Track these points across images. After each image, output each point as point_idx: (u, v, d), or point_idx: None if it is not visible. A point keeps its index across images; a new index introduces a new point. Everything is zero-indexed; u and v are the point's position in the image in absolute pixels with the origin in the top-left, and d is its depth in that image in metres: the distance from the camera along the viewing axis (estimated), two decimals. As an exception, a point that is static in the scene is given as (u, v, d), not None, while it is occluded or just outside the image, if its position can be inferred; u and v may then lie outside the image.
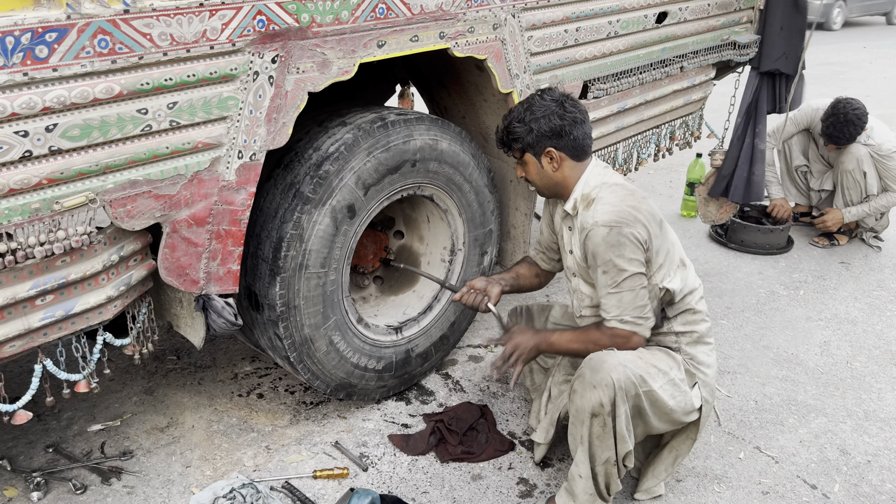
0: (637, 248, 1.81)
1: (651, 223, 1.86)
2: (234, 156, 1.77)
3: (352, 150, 2.09)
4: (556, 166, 1.95)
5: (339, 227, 2.10)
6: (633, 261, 1.81)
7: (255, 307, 2.14)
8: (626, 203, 1.86)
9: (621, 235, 1.79)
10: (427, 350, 2.59)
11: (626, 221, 1.81)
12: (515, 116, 1.96)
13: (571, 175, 1.97)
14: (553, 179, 1.98)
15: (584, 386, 1.79)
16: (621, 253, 1.79)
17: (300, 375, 2.23)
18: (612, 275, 1.83)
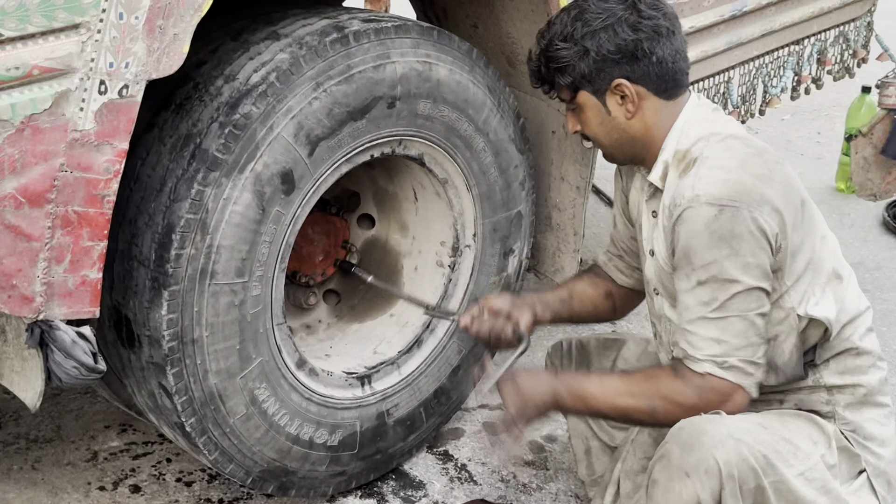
0: (761, 246, 1.80)
1: (788, 204, 1.84)
2: (92, 89, 1.76)
3: (288, 81, 2.07)
4: (632, 109, 1.95)
5: (268, 209, 2.09)
6: (752, 267, 1.80)
7: (127, 341, 2.12)
8: (749, 168, 1.84)
9: (737, 221, 1.78)
10: (413, 414, 2.59)
11: (748, 199, 1.79)
12: (558, 32, 1.95)
13: (658, 122, 1.96)
14: (628, 132, 1.98)
15: (671, 474, 1.79)
16: (735, 251, 1.78)
17: (202, 455, 2.21)
18: (712, 288, 1.81)
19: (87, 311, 1.89)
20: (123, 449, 2.72)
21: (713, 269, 1.80)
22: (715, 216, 1.79)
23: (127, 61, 1.79)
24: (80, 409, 2.88)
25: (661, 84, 1.94)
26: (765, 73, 3.14)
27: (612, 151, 2.04)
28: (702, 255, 1.81)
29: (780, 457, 1.82)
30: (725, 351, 1.81)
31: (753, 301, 1.81)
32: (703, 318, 1.83)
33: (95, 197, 1.83)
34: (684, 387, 1.85)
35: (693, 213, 1.81)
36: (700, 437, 1.78)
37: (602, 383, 1.95)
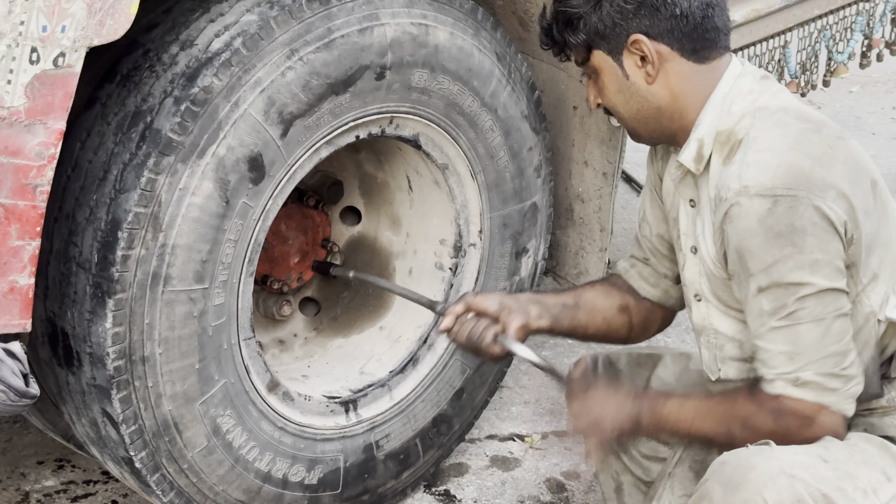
0: (829, 239, 1.79)
1: (857, 187, 1.83)
2: (21, 58, 1.76)
3: (257, 48, 2.06)
4: (652, 73, 1.95)
5: (233, 201, 2.08)
6: (822, 264, 1.79)
7: (64, 360, 2.12)
8: (806, 147, 1.83)
9: (796, 213, 1.77)
10: (407, 446, 2.58)
11: (807, 185, 1.78)
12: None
13: (688, 90, 1.95)
14: (651, 101, 1.97)
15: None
16: (798, 248, 1.78)
17: (154, 496, 2.21)
18: (775, 294, 1.81)
19: (16, 323, 1.88)
20: (60, 489, 2.69)
21: (774, 274, 1.80)
22: (769, 210, 1.78)
23: (63, 24, 1.78)
24: (8, 442, 2.84)
25: (688, 42, 1.93)
26: (829, 37, 3.12)
27: (634, 126, 2.04)
28: (759, 257, 1.80)
29: (844, 496, 1.80)
30: (800, 364, 1.81)
31: (830, 304, 1.80)
32: (770, 329, 1.83)
33: (26, 187, 1.82)
34: (759, 411, 1.85)
35: (742, 210, 1.80)
36: (746, 475, 1.78)
37: (682, 406, 1.95)
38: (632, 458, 2.33)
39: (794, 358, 1.81)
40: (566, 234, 2.87)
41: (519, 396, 3.10)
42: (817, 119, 1.91)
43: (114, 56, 2.12)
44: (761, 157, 1.83)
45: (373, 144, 2.59)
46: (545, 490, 2.73)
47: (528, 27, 2.69)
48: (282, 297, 2.64)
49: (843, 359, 1.82)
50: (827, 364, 1.81)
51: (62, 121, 1.82)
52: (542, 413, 3.02)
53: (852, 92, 5.03)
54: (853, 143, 1.91)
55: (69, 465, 2.77)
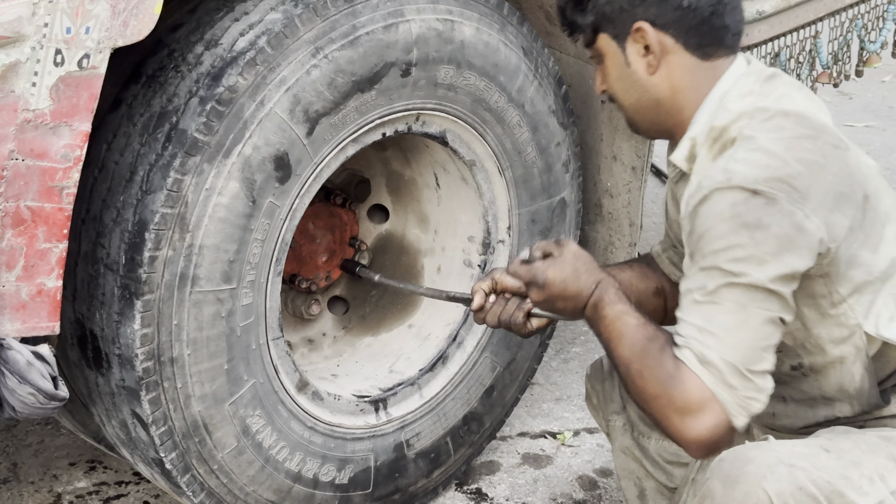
0: (791, 247, 1.75)
1: (844, 200, 1.80)
2: (46, 60, 1.76)
3: (282, 46, 2.06)
4: (654, 63, 1.93)
5: (259, 200, 2.08)
6: (770, 266, 1.74)
7: (93, 362, 2.12)
8: (798, 152, 1.79)
9: (769, 211, 1.73)
10: (438, 445, 2.58)
11: (789, 189, 1.75)
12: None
13: (689, 86, 1.93)
14: (650, 92, 1.96)
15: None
16: (755, 243, 1.74)
17: (185, 497, 2.21)
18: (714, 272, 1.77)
19: (44, 326, 1.89)
20: (92, 490, 2.70)
21: (722, 256, 1.75)
22: (745, 199, 1.74)
23: (87, 26, 1.79)
24: (40, 444, 2.86)
25: (693, 37, 1.91)
26: (860, 26, 3.09)
27: (632, 116, 2.02)
28: (716, 240, 1.76)
29: (849, 483, 1.77)
30: (707, 342, 1.75)
31: (759, 301, 1.74)
32: (692, 301, 1.79)
33: (52, 189, 1.83)
34: (658, 365, 1.79)
35: (720, 195, 1.76)
36: (744, 468, 1.75)
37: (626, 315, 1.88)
38: (654, 462, 2.30)
39: (704, 333, 1.75)
40: (595, 230, 2.86)
41: (550, 393, 3.11)
42: (818, 126, 1.86)
43: (139, 57, 2.12)
44: (751, 156, 1.79)
45: (399, 142, 2.58)
46: (577, 488, 2.73)
47: (554, 21, 2.68)
48: (310, 297, 2.64)
49: (754, 361, 1.75)
50: (735, 355, 1.74)
51: (88, 122, 1.83)
52: (573, 410, 3.02)
53: (885, 81, 4.99)
54: (853, 154, 1.87)
55: (101, 467, 2.79)
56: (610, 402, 2.33)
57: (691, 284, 1.81)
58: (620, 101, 2.02)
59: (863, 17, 3.09)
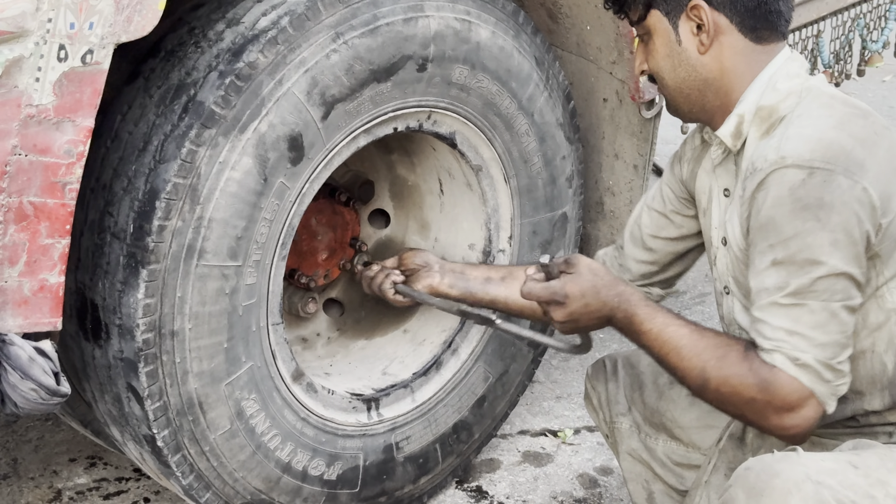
0: (856, 220, 1.76)
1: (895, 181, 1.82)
2: (49, 56, 1.76)
3: (303, 28, 2.08)
4: (706, 42, 1.94)
5: (271, 179, 2.09)
6: (842, 245, 1.76)
7: (92, 333, 2.11)
8: (850, 128, 1.82)
9: (829, 188, 1.74)
10: (427, 450, 2.58)
11: (845, 162, 1.76)
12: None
13: (738, 67, 1.94)
14: (699, 72, 1.96)
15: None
16: (822, 224, 1.75)
17: (174, 478, 2.19)
18: (788, 270, 1.77)
19: (47, 322, 1.89)
20: (92, 487, 2.69)
21: (793, 246, 1.76)
22: (802, 181, 1.75)
23: (91, 21, 1.79)
24: (41, 440, 2.86)
25: (749, 19, 1.92)
26: (862, 25, 3.12)
27: (675, 96, 2.01)
28: (781, 228, 1.77)
29: (874, 503, 1.77)
30: (799, 345, 1.77)
31: (840, 290, 1.76)
32: (774, 303, 1.79)
33: (55, 185, 1.83)
34: (748, 373, 1.80)
35: (777, 177, 1.77)
36: (771, 481, 1.73)
37: (669, 325, 1.89)
38: (662, 464, 2.29)
39: (794, 336, 1.76)
40: (596, 228, 2.88)
41: (550, 391, 3.12)
42: (865, 107, 1.90)
43: (157, 35, 2.12)
44: (803, 131, 1.81)
45: (406, 145, 2.59)
46: (578, 486, 2.73)
47: (556, 19, 2.72)
48: (307, 294, 2.63)
49: (841, 351, 1.78)
50: (826, 352, 1.76)
51: (91, 118, 1.83)
52: (574, 408, 3.02)
53: (885, 81, 5.05)
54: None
55: (101, 463, 2.79)
56: (615, 404, 2.33)
57: (767, 282, 1.80)
58: (666, 80, 2.00)
59: (865, 17, 3.12)
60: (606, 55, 2.66)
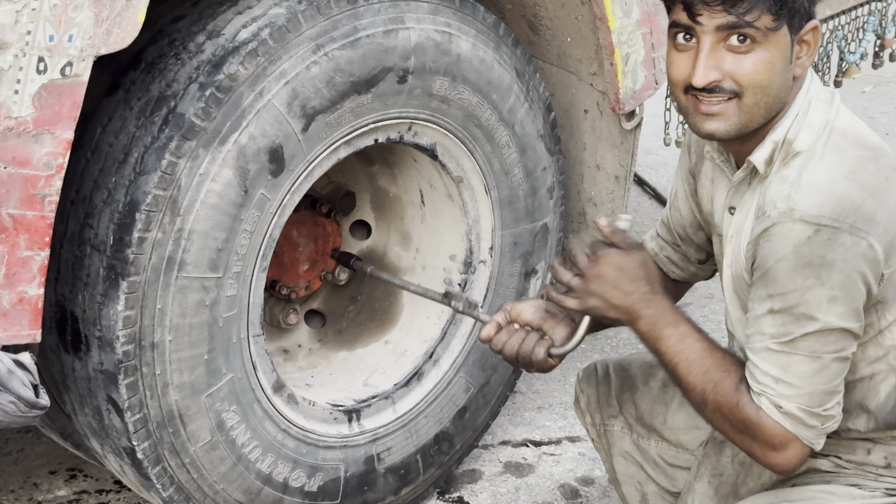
0: (857, 278, 1.76)
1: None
2: (28, 68, 1.76)
3: (283, 40, 2.08)
4: (806, 65, 1.83)
5: (251, 191, 2.09)
6: (839, 302, 1.76)
7: (71, 345, 2.10)
8: (861, 178, 1.77)
9: (833, 246, 1.73)
10: (408, 462, 2.57)
11: (853, 219, 1.74)
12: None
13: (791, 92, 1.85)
14: (787, 93, 1.83)
15: None
16: (821, 281, 1.75)
17: (153, 490, 2.18)
18: (784, 320, 1.79)
19: (26, 334, 1.89)
20: (73, 499, 2.68)
21: (791, 300, 1.77)
22: (808, 238, 1.74)
23: (70, 34, 1.79)
24: (20, 452, 2.84)
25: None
26: (840, 37, 3.12)
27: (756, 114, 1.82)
28: (782, 281, 1.77)
29: None
30: (784, 393, 1.79)
31: (832, 343, 1.77)
32: (766, 349, 1.81)
33: (34, 197, 1.83)
34: (736, 409, 1.83)
35: (783, 230, 1.76)
36: None
37: (683, 339, 1.88)
38: (655, 465, 2.30)
39: (780, 384, 1.79)
40: (579, 239, 2.87)
41: (532, 402, 3.11)
42: (875, 146, 1.85)
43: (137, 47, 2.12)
44: (816, 179, 1.78)
45: (387, 157, 2.60)
46: (559, 496, 2.74)
47: (537, 31, 2.72)
48: (289, 305, 2.63)
49: (829, 399, 1.80)
50: (812, 400, 1.79)
51: (70, 130, 1.83)
52: (555, 418, 3.02)
53: (865, 92, 5.06)
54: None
55: (81, 475, 2.78)
56: (606, 407, 2.32)
57: (763, 327, 1.81)
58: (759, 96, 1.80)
59: (843, 29, 3.13)
60: (587, 66, 2.66)
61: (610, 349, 3.07)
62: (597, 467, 2.79)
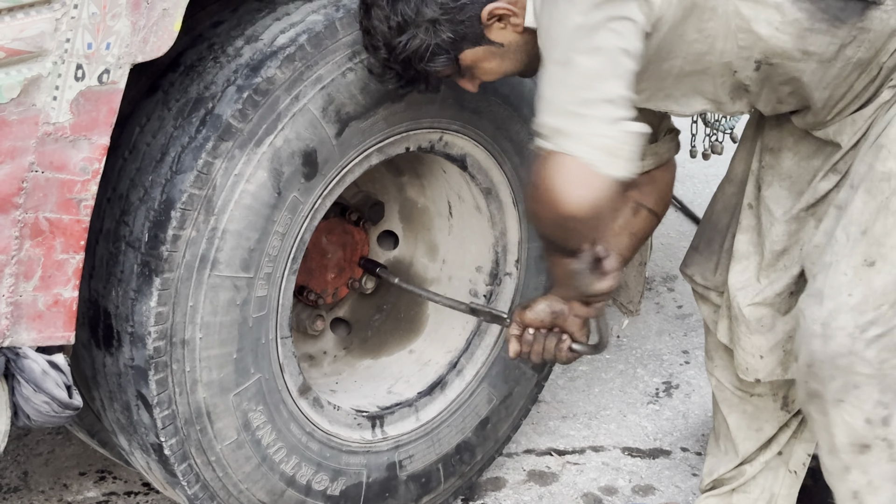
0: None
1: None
2: (67, 75, 1.78)
3: (321, 46, 2.10)
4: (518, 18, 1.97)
5: (285, 193, 2.10)
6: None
7: (103, 341, 2.12)
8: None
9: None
10: (429, 470, 2.58)
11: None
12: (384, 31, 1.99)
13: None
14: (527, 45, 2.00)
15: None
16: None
17: (179, 488, 2.19)
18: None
19: (60, 336, 1.90)
20: (102, 500, 2.69)
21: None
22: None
23: (108, 42, 1.81)
24: (51, 453, 2.85)
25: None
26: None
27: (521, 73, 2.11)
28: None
29: None
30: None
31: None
32: None
33: (70, 201, 1.84)
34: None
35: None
36: None
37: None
38: None
39: None
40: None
41: (556, 411, 3.12)
42: None
43: (176, 51, 2.14)
44: None
45: (416, 168, 2.61)
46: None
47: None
48: (315, 312, 2.64)
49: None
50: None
51: (106, 136, 1.85)
52: (579, 428, 3.03)
53: None
54: None
55: (111, 477, 2.79)
56: None
57: None
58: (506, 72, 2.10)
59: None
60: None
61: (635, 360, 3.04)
62: (620, 477, 2.80)
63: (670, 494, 2.78)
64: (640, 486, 2.81)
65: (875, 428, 1.98)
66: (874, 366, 1.94)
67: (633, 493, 2.76)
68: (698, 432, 3.05)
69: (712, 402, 2.50)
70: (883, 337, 1.93)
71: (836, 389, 1.97)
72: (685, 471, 2.88)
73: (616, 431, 3.05)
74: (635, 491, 2.78)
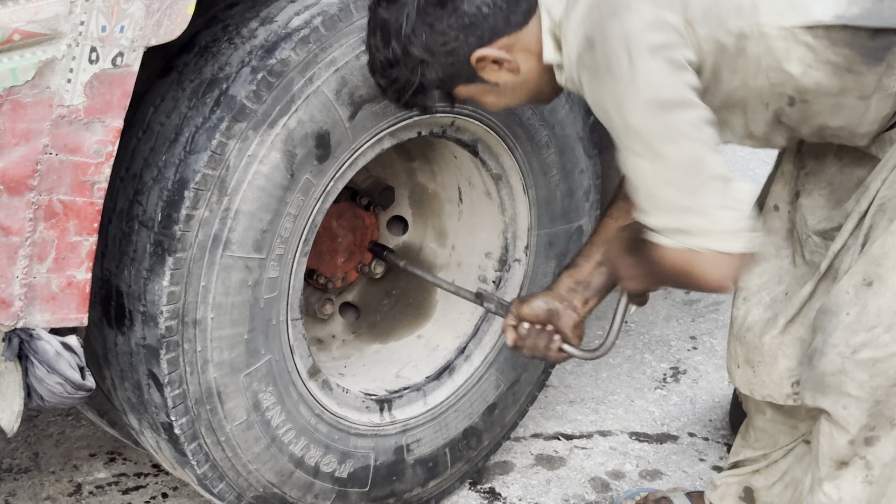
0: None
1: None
2: (81, 58, 1.78)
3: (335, 28, 2.10)
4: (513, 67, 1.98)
5: (297, 175, 2.11)
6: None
7: (115, 320, 2.13)
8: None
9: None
10: (436, 454, 2.59)
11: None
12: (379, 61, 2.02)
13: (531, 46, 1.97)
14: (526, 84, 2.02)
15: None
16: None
17: (188, 467, 2.20)
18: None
19: (73, 317, 1.90)
20: (111, 482, 2.70)
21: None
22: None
23: (122, 24, 1.81)
24: (62, 434, 2.87)
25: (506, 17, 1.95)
26: None
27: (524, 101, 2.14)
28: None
29: None
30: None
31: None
32: None
33: (84, 184, 1.85)
34: None
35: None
36: None
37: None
38: None
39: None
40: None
41: (564, 396, 3.13)
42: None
43: (190, 32, 2.14)
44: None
45: (427, 153, 2.61)
46: (590, 489, 2.75)
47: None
48: (325, 296, 2.64)
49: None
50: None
51: (120, 119, 1.84)
52: (587, 412, 3.04)
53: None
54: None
55: (120, 458, 2.81)
56: None
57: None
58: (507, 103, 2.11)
59: None
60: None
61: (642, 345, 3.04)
62: (627, 461, 2.82)
63: (677, 479, 2.79)
64: (647, 471, 2.82)
65: (857, 447, 1.99)
66: (865, 389, 1.93)
67: (641, 478, 2.77)
68: (705, 417, 3.05)
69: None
70: (879, 363, 1.91)
71: (826, 404, 1.99)
72: (692, 456, 2.89)
73: (623, 416, 3.07)
74: (642, 475, 2.79)
